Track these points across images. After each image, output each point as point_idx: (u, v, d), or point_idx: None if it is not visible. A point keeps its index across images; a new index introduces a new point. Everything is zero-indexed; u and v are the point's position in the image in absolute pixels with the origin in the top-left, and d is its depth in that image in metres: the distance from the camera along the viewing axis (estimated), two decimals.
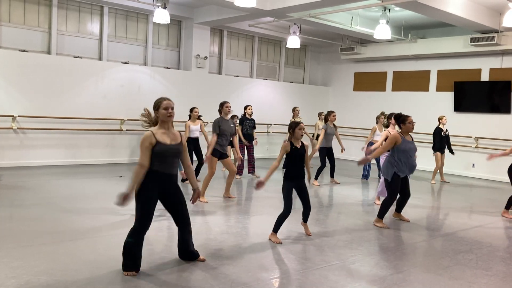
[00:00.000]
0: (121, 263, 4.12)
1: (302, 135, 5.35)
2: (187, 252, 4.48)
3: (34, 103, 10.26)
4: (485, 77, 12.51)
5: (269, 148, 14.67)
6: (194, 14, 12.61)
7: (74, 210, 6.42)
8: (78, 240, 5.13)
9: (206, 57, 13.11)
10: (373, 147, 8.24)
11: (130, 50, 12.23)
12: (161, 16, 10.40)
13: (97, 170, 10.30)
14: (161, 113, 4.14)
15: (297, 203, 5.74)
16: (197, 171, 9.07)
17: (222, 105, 7.54)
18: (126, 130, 11.54)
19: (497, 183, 11.51)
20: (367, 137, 10.90)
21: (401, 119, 6.50)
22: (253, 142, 10.46)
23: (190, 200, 4.35)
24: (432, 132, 10.84)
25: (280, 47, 15.62)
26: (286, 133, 11.97)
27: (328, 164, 9.87)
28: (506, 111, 11.99)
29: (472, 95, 12.63)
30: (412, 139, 6.57)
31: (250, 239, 5.53)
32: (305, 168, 5.54)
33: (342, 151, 10.20)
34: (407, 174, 6.43)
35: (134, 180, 4.03)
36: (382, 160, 8.03)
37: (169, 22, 10.82)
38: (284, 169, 5.53)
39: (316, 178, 9.68)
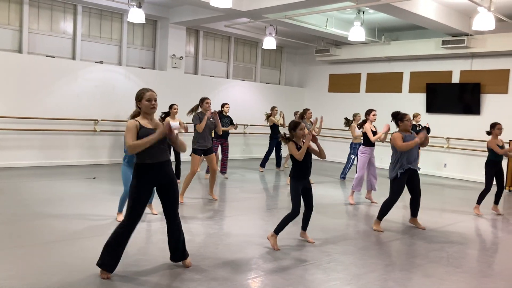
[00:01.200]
0: (97, 262, 3.99)
1: (304, 135, 5.26)
2: (177, 249, 4.35)
3: (6, 103, 10.01)
4: (456, 79, 12.83)
5: (245, 148, 14.69)
6: (169, 14, 12.53)
7: (47, 213, 6.30)
8: (52, 243, 5.03)
9: (182, 57, 13.04)
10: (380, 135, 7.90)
11: (104, 49, 12.06)
12: (136, 15, 10.31)
13: (71, 171, 10.12)
14: (144, 104, 4.04)
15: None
16: (177, 171, 9.01)
17: (202, 101, 7.53)
18: (100, 130, 11.37)
19: (468, 183, 11.82)
20: (341, 137, 11.04)
21: (399, 117, 6.33)
22: (233, 127, 10.50)
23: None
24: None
25: (256, 48, 15.66)
26: (263, 133, 12.14)
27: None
28: (476, 112, 12.32)
29: (444, 96, 12.94)
30: (427, 132, 6.56)
31: (227, 239, 5.53)
32: (318, 151, 5.31)
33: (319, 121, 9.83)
34: (408, 166, 6.13)
35: (147, 141, 3.87)
36: (360, 157, 8.19)
37: (144, 21, 10.72)
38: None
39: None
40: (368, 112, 8.35)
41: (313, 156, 5.39)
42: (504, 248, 5.99)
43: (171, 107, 9.00)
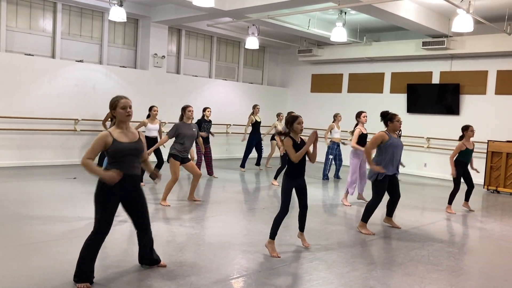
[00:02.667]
0: (74, 279, 3.84)
1: (302, 130, 5.08)
2: (147, 258, 4.31)
3: None
4: (436, 79, 13.01)
5: (228, 148, 14.66)
6: (151, 13, 12.42)
7: (25, 214, 6.18)
8: (29, 245, 4.93)
9: (163, 56, 12.94)
10: (352, 143, 7.99)
11: (85, 48, 11.90)
12: (117, 14, 10.19)
13: (50, 171, 9.96)
14: (118, 112, 3.91)
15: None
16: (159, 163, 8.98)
17: (184, 109, 7.25)
18: (81, 130, 11.21)
19: (448, 182, 11.97)
20: (323, 137, 11.11)
21: (389, 117, 6.26)
22: (210, 137, 10.47)
23: (154, 180, 4.25)
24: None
25: (239, 48, 15.64)
26: (244, 133, 12.10)
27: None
28: (455, 112, 12.51)
29: (424, 97, 13.10)
30: (399, 137, 6.56)
31: (209, 239, 5.50)
32: (312, 156, 5.14)
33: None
34: (392, 171, 6.17)
35: (95, 171, 3.80)
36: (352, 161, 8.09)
37: (125, 20, 10.61)
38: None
39: (275, 178, 9.78)
40: (359, 114, 8.19)
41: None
42: (483, 247, 6.09)
43: (150, 109, 8.87)
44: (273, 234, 5.01)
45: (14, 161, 10.29)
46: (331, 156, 10.79)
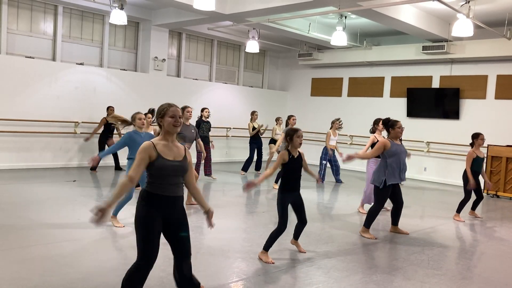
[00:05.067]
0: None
1: (301, 144, 4.93)
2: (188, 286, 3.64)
3: None
4: (436, 84, 13.02)
5: (228, 152, 14.66)
6: (152, 16, 12.45)
7: (25, 217, 6.18)
8: (28, 247, 4.93)
9: (164, 60, 12.96)
10: (361, 152, 7.48)
11: (85, 51, 11.91)
12: (118, 17, 10.20)
13: (50, 174, 9.95)
14: (166, 121, 3.40)
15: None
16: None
17: (183, 109, 7.20)
18: (81, 133, 11.21)
19: (447, 186, 12.00)
20: (324, 141, 11.10)
21: (390, 124, 6.23)
22: (210, 145, 10.47)
23: (209, 227, 3.71)
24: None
25: (239, 51, 15.66)
26: (244, 136, 12.13)
27: None
28: (455, 117, 12.52)
29: (424, 101, 13.11)
30: (401, 142, 6.40)
31: (209, 243, 5.49)
32: (309, 174, 5.21)
33: None
34: (399, 179, 6.15)
35: (117, 194, 3.26)
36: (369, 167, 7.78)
37: (126, 23, 10.63)
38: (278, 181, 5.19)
39: (276, 182, 9.81)
40: (377, 122, 7.95)
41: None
42: (482, 251, 6.08)
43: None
44: (267, 247, 4.92)
45: (14, 163, 10.29)
46: (324, 162, 10.75)
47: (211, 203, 8.10)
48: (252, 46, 12.43)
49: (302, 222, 5.14)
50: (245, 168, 11.83)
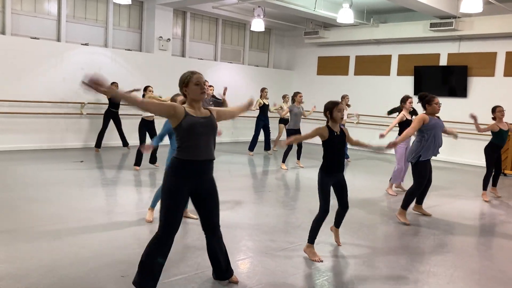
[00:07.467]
0: (133, 280, 3.33)
1: (342, 118, 4.41)
2: (217, 267, 3.66)
3: None
4: (443, 61, 12.86)
5: (234, 132, 14.66)
6: None
7: (34, 197, 6.24)
8: (37, 227, 4.99)
9: (169, 39, 12.88)
10: (399, 137, 6.62)
11: (90, 31, 11.85)
12: None
13: (57, 155, 10.02)
14: (191, 89, 3.31)
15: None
16: (153, 156, 8.91)
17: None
18: (87, 114, 11.24)
19: (454, 164, 11.95)
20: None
21: (427, 100, 5.92)
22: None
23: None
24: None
25: (244, 30, 15.51)
26: (252, 116, 12.09)
27: (295, 147, 9.98)
28: (463, 95, 12.40)
29: (431, 79, 12.98)
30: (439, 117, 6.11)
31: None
32: (361, 146, 4.71)
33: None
34: (434, 154, 5.95)
35: (123, 96, 3.25)
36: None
37: (130, 3, 10.54)
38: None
39: (283, 162, 9.72)
40: (404, 99, 7.68)
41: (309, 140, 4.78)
42: (490, 229, 6.09)
43: (145, 89, 8.87)
44: (312, 238, 4.47)
45: (20, 144, 10.35)
46: None
47: (217, 183, 8.13)
48: (257, 24, 12.30)
49: (344, 207, 4.68)
50: (251, 147, 11.82)
